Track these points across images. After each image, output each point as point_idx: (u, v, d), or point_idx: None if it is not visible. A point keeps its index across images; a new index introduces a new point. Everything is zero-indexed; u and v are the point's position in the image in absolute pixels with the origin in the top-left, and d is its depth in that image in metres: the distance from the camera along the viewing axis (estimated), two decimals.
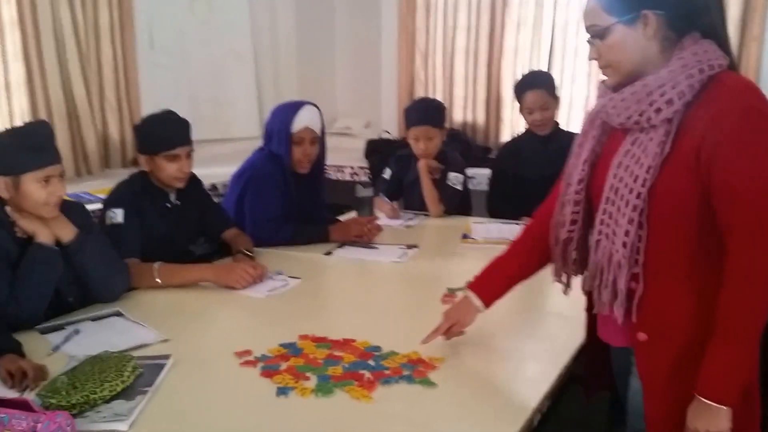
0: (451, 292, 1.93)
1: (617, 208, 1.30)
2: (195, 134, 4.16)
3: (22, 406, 1.12)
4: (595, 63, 2.66)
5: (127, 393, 1.31)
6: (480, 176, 3.42)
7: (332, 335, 1.62)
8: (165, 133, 2.15)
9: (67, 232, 1.77)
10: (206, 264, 2.15)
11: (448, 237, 2.63)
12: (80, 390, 1.26)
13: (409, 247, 2.43)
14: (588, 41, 1.36)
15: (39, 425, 1.05)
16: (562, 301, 1.57)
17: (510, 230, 2.59)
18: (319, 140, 2.49)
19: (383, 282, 2.14)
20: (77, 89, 3.07)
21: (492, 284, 1.57)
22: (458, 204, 2.96)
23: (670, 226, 1.27)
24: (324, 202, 2.68)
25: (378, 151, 3.79)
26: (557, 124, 2.97)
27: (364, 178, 3.72)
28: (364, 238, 2.46)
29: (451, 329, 1.54)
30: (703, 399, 1.23)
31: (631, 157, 1.29)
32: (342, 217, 2.78)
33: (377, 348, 1.55)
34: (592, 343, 1.56)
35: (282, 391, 1.35)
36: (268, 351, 1.54)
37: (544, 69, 3.69)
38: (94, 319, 1.75)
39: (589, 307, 1.56)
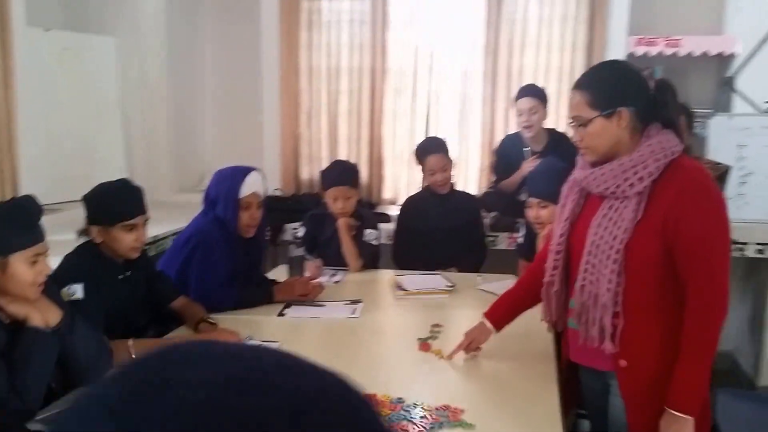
0: (423, 341, 2.15)
1: (599, 260, 1.66)
2: (62, 195, 3.96)
3: None
4: (465, 126, 3.14)
5: None
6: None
7: None
8: (123, 202, 2.11)
9: (54, 314, 1.70)
10: (181, 337, 2.15)
11: (379, 290, 2.85)
12: None
13: (353, 302, 2.60)
14: (572, 126, 1.73)
15: None
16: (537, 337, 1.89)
17: (434, 281, 2.88)
18: (263, 204, 2.59)
19: (355, 337, 2.28)
20: None
21: (500, 312, 2.01)
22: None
23: (641, 275, 1.64)
24: (261, 263, 2.76)
25: (274, 208, 3.88)
26: (453, 185, 3.33)
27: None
28: (309, 297, 2.59)
29: (469, 345, 1.95)
30: (673, 411, 1.59)
31: (608, 220, 1.66)
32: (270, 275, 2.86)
33: (401, 399, 1.72)
34: (568, 368, 1.89)
35: None
36: None
37: (422, 132, 4.09)
38: None
39: (564, 338, 1.90)
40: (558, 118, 3.86)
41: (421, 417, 1.62)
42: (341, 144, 4.18)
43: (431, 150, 3.23)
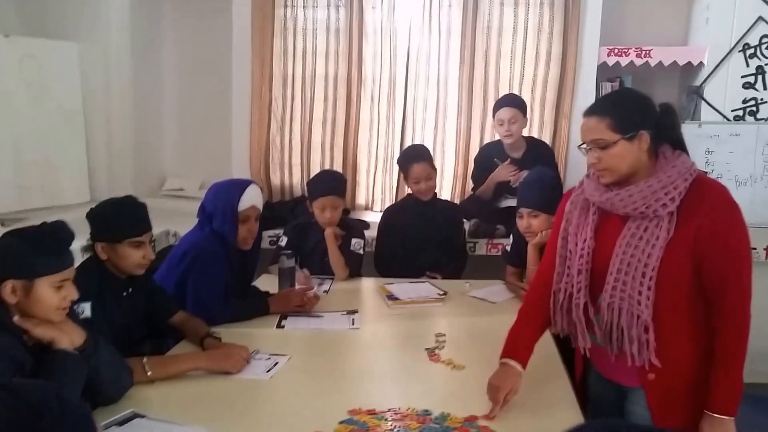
0: (431, 351, 2.16)
1: (631, 278, 1.68)
2: (23, 204, 3.82)
3: None
4: (441, 134, 3.19)
5: None
6: None
7: (372, 406, 1.74)
8: (130, 219, 2.09)
9: (79, 335, 1.65)
10: (195, 352, 2.11)
11: (370, 299, 2.84)
12: None
13: (350, 312, 2.59)
14: (588, 149, 1.75)
15: None
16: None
17: (424, 289, 2.89)
18: (260, 217, 2.55)
19: (361, 349, 2.27)
20: None
21: (521, 350, 1.85)
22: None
23: (673, 290, 1.68)
24: (253, 275, 2.72)
25: None
26: (435, 192, 3.36)
27: None
28: (306, 308, 2.56)
29: (506, 397, 1.73)
30: (715, 415, 1.65)
31: (638, 239, 1.69)
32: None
33: (428, 412, 1.72)
34: (580, 379, 1.94)
35: None
36: (336, 430, 1.62)
37: (398, 140, 4.11)
38: (119, 424, 1.64)
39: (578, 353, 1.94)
40: (531, 126, 3.94)
41: (451, 430, 1.63)
42: (315, 150, 4.15)
43: (415, 158, 3.24)
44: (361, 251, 3.16)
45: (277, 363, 2.06)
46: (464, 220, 3.52)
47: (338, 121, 4.10)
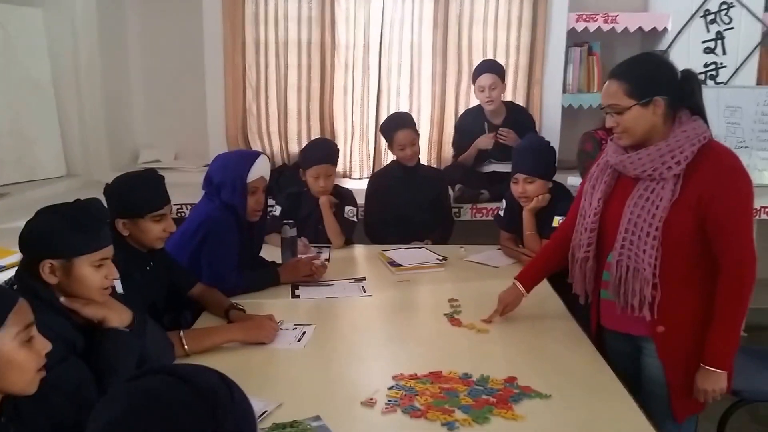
0: (450, 317, 2.26)
1: (637, 236, 1.83)
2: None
3: None
4: (416, 100, 3.85)
5: None
6: None
7: (412, 371, 1.83)
8: (151, 193, 2.09)
9: (126, 314, 1.66)
10: (226, 324, 2.13)
11: (371, 265, 2.90)
12: None
13: (357, 280, 2.65)
14: (607, 113, 1.87)
15: None
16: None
17: (423, 255, 2.97)
18: (267, 188, 2.56)
19: (381, 316, 2.34)
20: None
21: (529, 279, 2.22)
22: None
23: (677, 249, 1.83)
24: (261, 245, 2.73)
25: None
26: (419, 159, 3.42)
27: None
28: (315, 277, 2.60)
29: (504, 310, 2.17)
30: (708, 367, 1.81)
31: (645, 200, 1.83)
32: None
33: (468, 375, 1.81)
34: (597, 330, 2.10)
35: (451, 426, 1.56)
36: (388, 396, 1.70)
37: (374, 107, 4.12)
38: None
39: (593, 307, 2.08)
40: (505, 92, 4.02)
41: (495, 391, 1.72)
42: (291, 119, 4.12)
43: (400, 125, 3.29)
44: (355, 218, 3.20)
45: (305, 332, 2.11)
46: (448, 186, 3.61)
47: (313, 88, 4.07)
